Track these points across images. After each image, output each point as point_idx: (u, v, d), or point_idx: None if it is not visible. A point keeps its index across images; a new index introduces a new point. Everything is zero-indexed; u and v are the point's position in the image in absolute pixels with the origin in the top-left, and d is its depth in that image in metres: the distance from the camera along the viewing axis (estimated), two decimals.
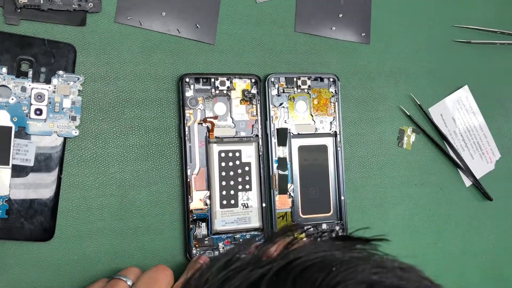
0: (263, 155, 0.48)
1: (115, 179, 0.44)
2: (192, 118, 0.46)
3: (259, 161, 0.47)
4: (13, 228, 0.40)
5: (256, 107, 0.48)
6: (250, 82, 0.48)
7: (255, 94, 0.48)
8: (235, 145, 0.47)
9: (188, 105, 0.45)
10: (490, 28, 0.58)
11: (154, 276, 0.38)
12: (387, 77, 0.54)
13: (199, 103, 0.46)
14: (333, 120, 0.51)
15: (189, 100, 0.46)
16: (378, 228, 0.53)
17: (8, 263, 0.41)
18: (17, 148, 0.41)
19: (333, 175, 0.50)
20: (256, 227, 0.48)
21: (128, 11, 0.45)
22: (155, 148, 0.45)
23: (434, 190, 0.56)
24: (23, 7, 0.41)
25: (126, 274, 0.39)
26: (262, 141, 0.48)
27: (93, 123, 0.44)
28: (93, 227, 0.43)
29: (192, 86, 0.46)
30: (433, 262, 0.56)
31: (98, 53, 0.44)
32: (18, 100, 0.41)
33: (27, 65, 0.41)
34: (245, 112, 0.48)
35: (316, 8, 0.51)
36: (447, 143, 0.56)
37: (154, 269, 0.39)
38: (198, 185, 0.46)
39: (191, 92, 0.46)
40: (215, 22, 0.48)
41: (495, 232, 0.59)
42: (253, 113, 0.48)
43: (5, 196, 0.40)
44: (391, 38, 0.54)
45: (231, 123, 0.47)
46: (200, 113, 0.46)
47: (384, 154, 0.54)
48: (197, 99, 0.46)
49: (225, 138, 0.47)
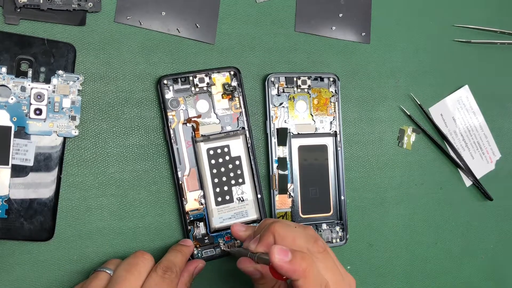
0: (252, 147, 0.47)
1: (114, 179, 0.44)
2: (175, 120, 0.45)
3: (248, 153, 0.47)
4: (12, 228, 0.40)
5: (239, 99, 0.47)
6: (229, 75, 0.47)
7: (235, 87, 0.47)
8: (222, 140, 0.47)
9: (169, 107, 0.45)
10: (490, 28, 0.58)
11: (132, 261, 0.39)
12: (387, 77, 0.54)
13: (181, 104, 0.46)
14: (333, 120, 0.51)
15: (170, 102, 0.45)
16: (378, 228, 0.53)
17: (8, 263, 0.41)
18: (16, 148, 0.41)
19: (333, 175, 0.50)
20: (254, 219, 0.48)
21: (127, 10, 0.45)
22: (154, 148, 0.45)
23: (434, 190, 0.56)
24: (23, 6, 0.41)
25: (106, 265, 0.40)
26: (250, 133, 0.47)
27: (92, 123, 0.44)
28: (93, 227, 0.43)
29: (171, 87, 0.45)
30: (433, 262, 0.56)
31: (98, 52, 0.44)
32: (17, 100, 0.41)
33: (26, 64, 0.41)
34: (228, 106, 0.47)
35: (316, 8, 0.51)
36: (447, 143, 0.56)
37: (133, 255, 0.40)
38: (191, 186, 0.45)
39: (171, 94, 0.45)
40: (215, 22, 0.48)
41: (495, 232, 0.59)
42: (236, 106, 0.47)
43: (5, 196, 0.40)
44: (391, 38, 0.54)
45: (215, 119, 0.47)
46: (183, 113, 0.46)
47: (384, 154, 0.54)
48: (178, 100, 0.45)
49: (212, 135, 0.46)
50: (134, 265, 0.38)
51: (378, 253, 0.53)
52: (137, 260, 0.39)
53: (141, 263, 0.39)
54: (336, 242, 0.50)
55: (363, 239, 0.53)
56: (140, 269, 0.38)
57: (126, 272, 0.38)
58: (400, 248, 0.54)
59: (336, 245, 0.50)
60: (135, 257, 0.39)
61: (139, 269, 0.38)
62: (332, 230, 0.50)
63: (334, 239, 0.50)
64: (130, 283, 0.37)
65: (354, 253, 0.52)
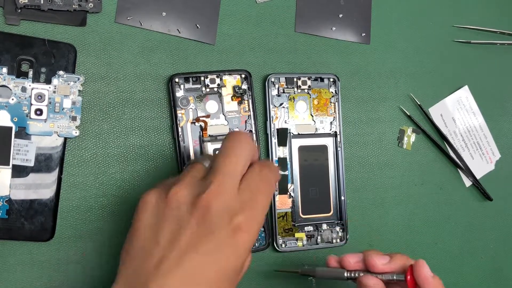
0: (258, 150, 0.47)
1: (115, 179, 0.44)
2: (184, 118, 0.46)
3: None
4: (13, 228, 0.40)
5: (248, 102, 0.48)
6: (240, 78, 0.47)
7: (246, 90, 0.47)
8: None
9: (179, 105, 0.45)
10: (490, 28, 0.58)
11: (231, 145, 0.34)
12: (387, 77, 0.54)
13: (190, 103, 0.46)
14: (333, 120, 0.51)
15: (180, 100, 0.45)
16: (378, 228, 0.53)
17: (8, 263, 0.41)
18: (17, 148, 0.41)
19: (333, 175, 0.50)
20: None
21: (128, 11, 0.45)
22: (155, 148, 0.45)
23: (434, 190, 0.56)
24: (24, 7, 0.41)
25: (201, 159, 0.37)
26: (257, 136, 0.48)
27: (93, 123, 0.44)
28: (93, 227, 0.43)
29: (182, 86, 0.46)
30: (433, 262, 0.56)
31: (98, 53, 0.44)
32: (18, 100, 0.41)
33: (27, 65, 0.41)
34: (237, 108, 0.47)
35: (316, 8, 0.51)
36: (447, 143, 0.56)
37: (231, 138, 0.35)
38: None
39: (182, 92, 0.46)
40: (215, 22, 0.48)
41: (495, 232, 0.59)
42: (245, 108, 0.48)
43: (6, 196, 0.40)
44: (391, 38, 0.54)
45: (224, 120, 0.47)
46: (192, 113, 0.46)
47: (384, 154, 0.54)
48: (188, 98, 0.46)
49: (219, 136, 0.46)
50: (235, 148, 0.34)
51: None
52: (239, 151, 0.34)
53: (242, 153, 0.34)
54: (336, 242, 0.50)
55: (363, 239, 0.53)
56: (241, 152, 0.34)
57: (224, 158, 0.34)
58: (400, 248, 0.54)
59: (336, 245, 0.50)
60: (235, 140, 0.35)
61: (240, 160, 0.34)
62: (332, 230, 0.50)
63: (334, 239, 0.50)
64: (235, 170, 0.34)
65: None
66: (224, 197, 0.32)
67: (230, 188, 0.33)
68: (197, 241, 0.31)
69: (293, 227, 0.49)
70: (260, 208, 0.33)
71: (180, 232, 0.31)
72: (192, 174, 0.34)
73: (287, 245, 0.49)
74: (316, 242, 0.50)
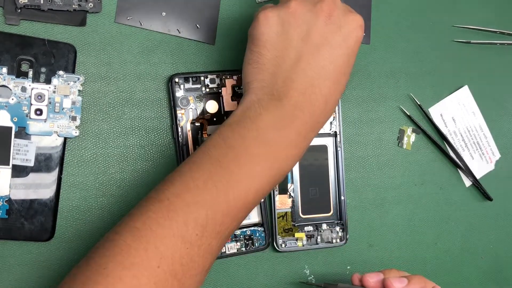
0: None
1: (115, 179, 0.44)
2: (184, 118, 0.46)
3: None
4: (13, 228, 0.40)
5: None
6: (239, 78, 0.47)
7: None
8: None
9: (179, 105, 0.45)
10: (490, 28, 0.58)
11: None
12: (387, 77, 0.54)
13: (190, 103, 0.46)
14: (333, 120, 0.51)
15: (180, 100, 0.45)
16: (378, 228, 0.53)
17: (8, 263, 0.41)
18: (17, 148, 0.41)
19: (333, 175, 0.50)
20: (255, 222, 0.48)
21: (128, 11, 0.45)
22: (155, 148, 0.45)
23: (434, 190, 0.56)
24: (23, 7, 0.41)
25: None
26: None
27: (93, 123, 0.44)
28: (93, 227, 0.43)
29: (182, 86, 0.46)
30: (433, 262, 0.56)
31: (98, 53, 0.44)
32: (18, 100, 0.41)
33: (27, 65, 0.41)
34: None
35: None
36: (447, 143, 0.56)
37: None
38: None
39: (182, 92, 0.46)
40: (215, 22, 0.48)
41: (495, 232, 0.59)
42: None
43: (6, 196, 0.40)
44: (391, 38, 0.54)
45: (223, 120, 0.47)
46: (192, 112, 0.46)
47: (384, 154, 0.54)
48: (188, 98, 0.46)
49: None
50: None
51: (378, 253, 0.53)
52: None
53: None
54: (336, 242, 0.50)
55: (363, 239, 0.53)
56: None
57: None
58: (400, 248, 0.54)
59: (336, 245, 0.50)
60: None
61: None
62: (332, 230, 0.50)
63: (334, 239, 0.50)
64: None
65: (354, 253, 0.52)
66: (339, 3, 0.39)
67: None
68: (328, 35, 0.37)
69: (293, 227, 0.49)
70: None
71: (311, 31, 0.37)
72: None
73: (287, 245, 0.49)
74: (316, 242, 0.50)
